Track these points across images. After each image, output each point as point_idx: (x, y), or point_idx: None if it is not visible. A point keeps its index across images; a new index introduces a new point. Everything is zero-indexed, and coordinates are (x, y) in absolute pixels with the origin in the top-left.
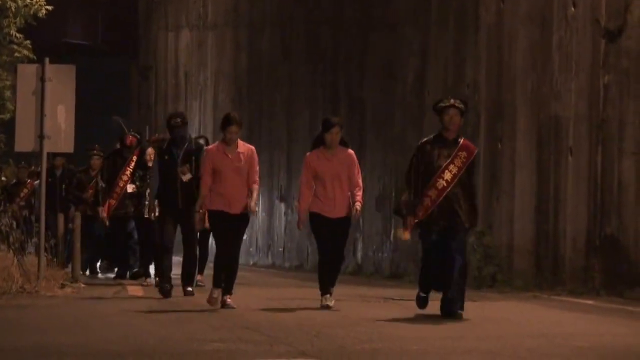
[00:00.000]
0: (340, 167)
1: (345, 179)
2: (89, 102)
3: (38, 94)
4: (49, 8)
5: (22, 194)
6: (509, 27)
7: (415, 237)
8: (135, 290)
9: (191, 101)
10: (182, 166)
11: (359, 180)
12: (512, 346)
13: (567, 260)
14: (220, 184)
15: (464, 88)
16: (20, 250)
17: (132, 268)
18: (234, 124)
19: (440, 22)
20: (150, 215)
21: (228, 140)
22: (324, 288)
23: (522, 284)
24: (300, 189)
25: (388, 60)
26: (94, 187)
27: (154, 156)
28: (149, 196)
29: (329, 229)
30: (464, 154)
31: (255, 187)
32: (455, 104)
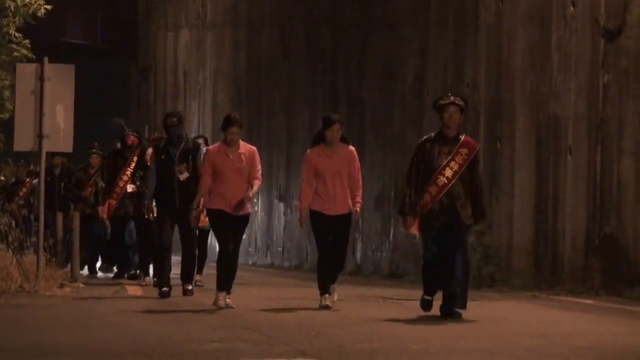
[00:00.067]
0: (341, 164)
1: (346, 176)
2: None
3: (37, 94)
4: (48, 7)
5: (21, 193)
6: (508, 27)
7: (415, 237)
8: (135, 290)
9: (190, 101)
10: (179, 165)
11: (359, 178)
12: (512, 346)
13: (566, 259)
14: (221, 185)
15: (463, 88)
16: (19, 250)
17: (132, 268)
18: (235, 124)
19: (440, 22)
20: (149, 216)
21: (229, 141)
22: (323, 288)
23: (521, 283)
24: (301, 187)
25: (387, 60)
26: (94, 186)
27: (144, 158)
28: (149, 198)
29: (329, 227)
30: (465, 151)
31: (257, 182)
32: (455, 101)
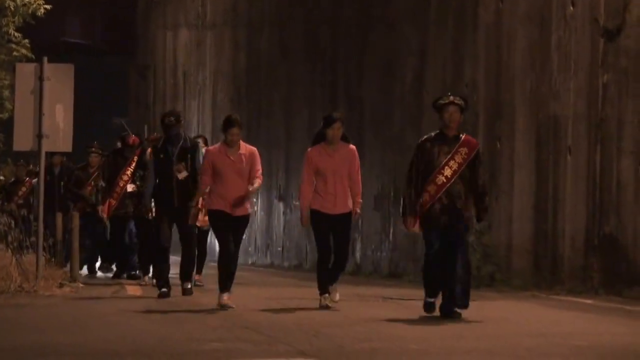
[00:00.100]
0: (341, 163)
1: (347, 175)
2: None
3: (36, 93)
4: (48, 7)
5: (20, 193)
6: (507, 27)
7: (415, 237)
8: (134, 290)
9: (190, 100)
10: (178, 164)
11: (359, 178)
12: (511, 346)
13: (566, 259)
14: (222, 186)
15: (462, 87)
16: (19, 250)
17: (132, 268)
18: (236, 125)
19: (439, 22)
20: (147, 215)
21: (229, 142)
22: (323, 287)
23: (521, 283)
24: (301, 186)
25: (387, 60)
26: (94, 185)
27: (145, 156)
28: (147, 198)
29: (330, 226)
30: (465, 150)
31: (258, 180)
32: (455, 100)
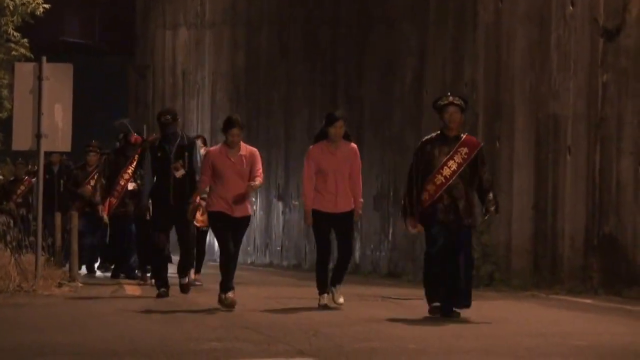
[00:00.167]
0: (343, 162)
1: (348, 174)
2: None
3: (35, 93)
4: (47, 6)
5: (19, 192)
6: (507, 26)
7: (414, 237)
8: (133, 290)
9: (189, 100)
10: (175, 162)
11: (359, 177)
12: (511, 345)
13: (566, 259)
14: (222, 187)
15: (462, 87)
16: (18, 249)
17: (131, 269)
18: (236, 126)
19: (439, 21)
20: (146, 215)
21: (230, 142)
22: (322, 287)
23: (520, 283)
24: (304, 184)
25: (386, 59)
26: (95, 184)
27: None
28: (145, 197)
29: (331, 225)
30: (465, 150)
31: (258, 179)
32: (454, 101)
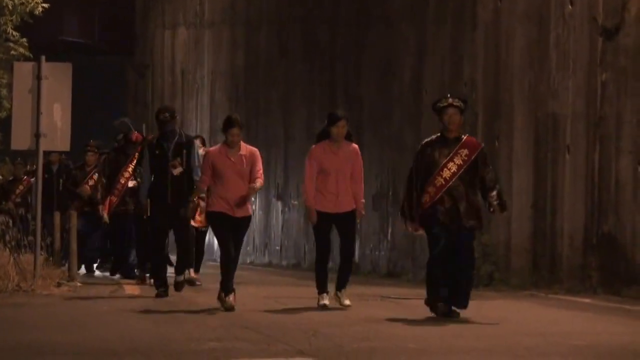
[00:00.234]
0: (345, 161)
1: (349, 174)
2: (85, 100)
3: (34, 92)
4: (46, 6)
5: (18, 191)
6: (506, 25)
7: (413, 236)
8: (132, 290)
9: (188, 99)
10: (173, 160)
11: (361, 178)
12: (510, 345)
13: (565, 258)
14: (222, 187)
15: (461, 86)
16: (17, 249)
17: (130, 266)
18: (236, 125)
19: (438, 20)
20: (144, 215)
21: (230, 142)
22: (321, 287)
23: (520, 282)
24: (305, 183)
25: (385, 59)
26: (96, 183)
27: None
28: (142, 195)
29: (332, 225)
30: (465, 152)
31: (259, 180)
32: (454, 102)
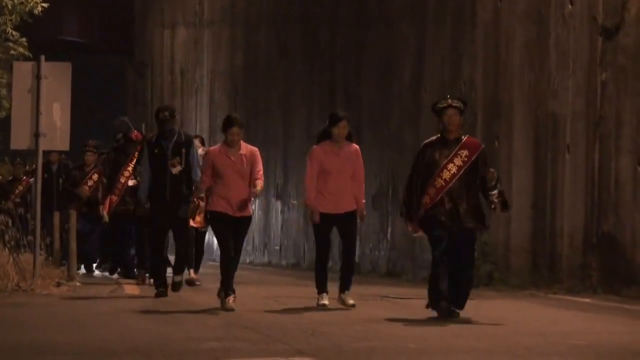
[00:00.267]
0: (346, 162)
1: (350, 174)
2: (85, 100)
3: (34, 92)
4: (45, 5)
5: (18, 191)
6: (506, 25)
7: (413, 236)
8: (132, 289)
9: (187, 98)
10: (172, 159)
11: (362, 180)
12: (510, 345)
13: (564, 258)
14: (223, 187)
15: (460, 86)
16: (16, 248)
17: (130, 266)
18: (236, 125)
19: (437, 20)
20: (143, 215)
21: (230, 142)
22: (321, 286)
23: (519, 282)
24: (306, 184)
25: (385, 58)
26: (96, 183)
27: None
28: (142, 194)
29: (332, 225)
30: (465, 153)
31: (259, 182)
32: (453, 103)
